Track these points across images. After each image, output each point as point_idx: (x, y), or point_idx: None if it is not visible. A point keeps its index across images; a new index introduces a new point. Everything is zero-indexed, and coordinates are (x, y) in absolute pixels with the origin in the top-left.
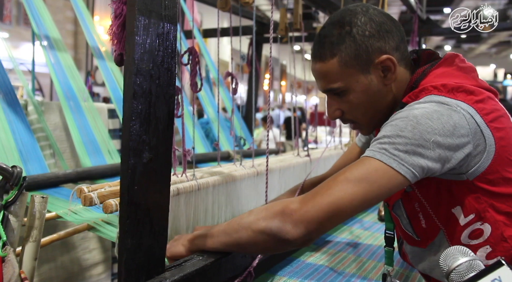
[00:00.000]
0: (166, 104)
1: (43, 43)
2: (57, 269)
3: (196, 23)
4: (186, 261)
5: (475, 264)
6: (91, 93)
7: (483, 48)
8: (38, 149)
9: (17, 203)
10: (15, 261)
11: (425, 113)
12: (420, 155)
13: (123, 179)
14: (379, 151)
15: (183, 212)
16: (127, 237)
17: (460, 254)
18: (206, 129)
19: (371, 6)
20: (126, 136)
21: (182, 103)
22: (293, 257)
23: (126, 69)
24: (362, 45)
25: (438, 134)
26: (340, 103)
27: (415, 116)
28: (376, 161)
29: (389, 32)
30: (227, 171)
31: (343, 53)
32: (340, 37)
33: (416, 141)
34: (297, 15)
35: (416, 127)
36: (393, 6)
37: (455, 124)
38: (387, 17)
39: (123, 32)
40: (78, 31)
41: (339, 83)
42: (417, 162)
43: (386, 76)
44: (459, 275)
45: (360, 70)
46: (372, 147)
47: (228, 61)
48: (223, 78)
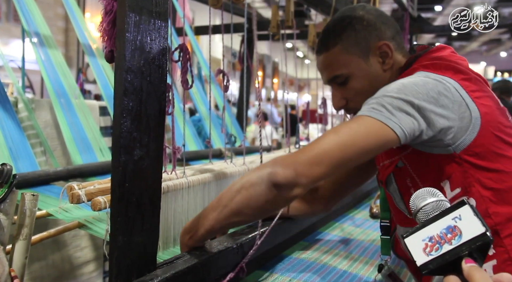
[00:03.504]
0: (157, 101)
1: (33, 40)
2: (48, 268)
3: (188, 20)
4: (178, 258)
5: (442, 205)
6: (82, 90)
7: (474, 46)
8: (28, 146)
9: (7, 201)
10: (5, 260)
11: (412, 81)
12: (407, 113)
13: (114, 176)
14: (367, 110)
15: (172, 210)
16: (118, 234)
17: (429, 195)
18: (198, 126)
19: (367, 5)
20: (117, 133)
21: (173, 100)
22: (285, 254)
23: (117, 66)
24: (361, 33)
25: (423, 99)
26: (344, 92)
27: (401, 83)
28: (364, 117)
29: (385, 24)
30: (217, 168)
31: (344, 41)
32: (341, 28)
33: (402, 99)
34: (289, 12)
35: (402, 90)
36: (385, 3)
37: (440, 92)
38: (383, 13)
39: (114, 29)
40: (69, 28)
41: (342, 69)
42: (403, 118)
43: (384, 61)
44: (425, 215)
45: (360, 56)
46: (361, 108)
47: (220, 58)
48: (215, 76)
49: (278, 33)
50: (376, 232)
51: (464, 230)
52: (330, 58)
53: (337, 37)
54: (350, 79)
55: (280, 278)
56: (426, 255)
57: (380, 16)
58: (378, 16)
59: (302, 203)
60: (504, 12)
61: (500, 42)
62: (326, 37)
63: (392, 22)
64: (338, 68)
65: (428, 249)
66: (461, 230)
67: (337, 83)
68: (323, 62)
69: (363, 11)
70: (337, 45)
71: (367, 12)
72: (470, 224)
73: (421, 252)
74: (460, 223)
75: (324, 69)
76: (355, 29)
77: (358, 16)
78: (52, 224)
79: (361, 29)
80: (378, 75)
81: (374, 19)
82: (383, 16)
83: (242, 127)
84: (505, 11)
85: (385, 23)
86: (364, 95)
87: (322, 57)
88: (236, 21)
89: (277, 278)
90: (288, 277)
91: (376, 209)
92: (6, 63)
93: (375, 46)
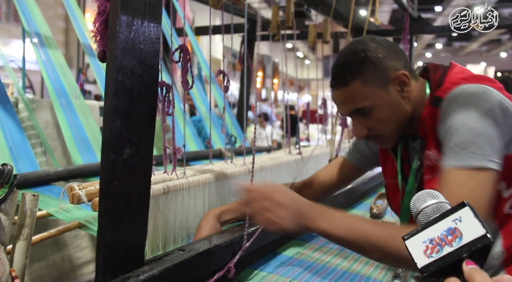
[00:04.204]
0: (148, 101)
1: (33, 40)
2: (48, 268)
3: (188, 21)
4: (167, 255)
5: (442, 207)
6: (82, 90)
7: (474, 46)
8: (29, 147)
9: (8, 201)
10: (6, 260)
11: (471, 116)
12: (492, 147)
13: (102, 174)
14: (460, 157)
15: (172, 210)
16: (106, 231)
17: (429, 197)
18: (198, 127)
19: (374, 36)
20: (107, 132)
21: (173, 100)
22: (284, 254)
23: (108, 66)
24: (379, 66)
25: (492, 125)
26: (366, 122)
27: (468, 124)
28: (469, 170)
29: (396, 53)
30: (218, 169)
31: (364, 75)
32: (358, 62)
33: (481, 137)
34: (289, 13)
35: (473, 128)
36: (385, 4)
37: (502, 109)
38: (392, 42)
39: (106, 29)
40: (69, 28)
41: (365, 101)
42: (495, 152)
43: (403, 89)
44: (426, 217)
45: (380, 88)
46: (451, 158)
47: (220, 58)
48: (215, 76)
49: (278, 34)
50: None
51: (464, 232)
52: (351, 92)
53: (356, 72)
54: (372, 110)
55: (280, 279)
56: (427, 257)
57: (391, 46)
58: (389, 46)
59: None
60: (504, 13)
61: (500, 43)
62: (342, 71)
63: (401, 50)
64: (361, 101)
65: (429, 251)
66: (461, 232)
67: (358, 114)
68: (342, 96)
69: (375, 43)
70: (357, 79)
71: (379, 44)
72: (470, 226)
73: (422, 254)
74: (460, 225)
75: (344, 103)
76: (372, 62)
77: (372, 49)
78: (53, 224)
79: (378, 61)
80: (399, 103)
81: (387, 50)
82: (393, 45)
83: (242, 127)
84: (505, 12)
85: (396, 52)
86: (386, 123)
87: (340, 92)
88: (236, 22)
89: (277, 279)
90: (289, 278)
91: (376, 209)
92: (6, 63)
93: (393, 76)
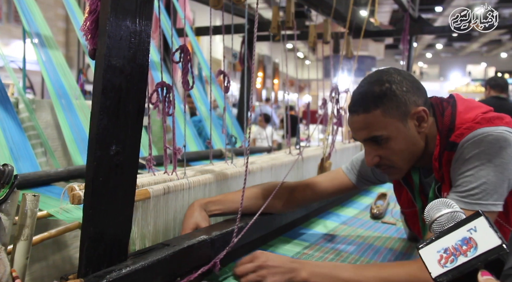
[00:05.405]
0: (136, 100)
1: (34, 41)
2: (48, 268)
3: (189, 21)
4: (151, 250)
5: (456, 216)
6: (82, 91)
7: (474, 47)
8: (29, 147)
9: (8, 202)
10: (7, 260)
11: (484, 166)
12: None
13: (88, 170)
14: (467, 203)
15: (173, 210)
16: (90, 226)
17: (444, 206)
18: (198, 127)
19: (399, 69)
20: (94, 129)
21: (174, 101)
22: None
23: (97, 64)
24: (401, 99)
25: (502, 171)
26: (379, 150)
27: (478, 171)
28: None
29: (419, 89)
30: (218, 169)
31: (385, 104)
32: (382, 92)
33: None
34: (289, 13)
35: (483, 177)
36: (385, 4)
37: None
38: (415, 78)
39: (97, 28)
40: (70, 28)
41: (383, 131)
42: (500, 196)
43: (420, 125)
44: (440, 226)
45: (400, 120)
46: (458, 201)
47: (221, 59)
48: (215, 76)
49: (279, 34)
50: (377, 233)
51: (479, 242)
52: (370, 120)
53: (378, 101)
54: (389, 140)
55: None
56: (441, 267)
57: (415, 82)
58: (413, 81)
59: (278, 200)
60: (504, 13)
61: (500, 43)
62: (365, 99)
63: (423, 87)
64: (379, 129)
65: (443, 261)
66: (476, 242)
67: (373, 141)
68: (362, 122)
69: (400, 76)
70: (378, 108)
71: (404, 77)
72: (485, 236)
73: (436, 264)
74: (475, 235)
75: (362, 129)
76: (395, 94)
77: (397, 81)
78: (53, 225)
79: (401, 94)
80: (414, 137)
81: (411, 85)
82: (416, 81)
83: (243, 128)
84: (505, 12)
85: (419, 88)
86: (400, 154)
87: (360, 118)
88: (236, 22)
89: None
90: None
91: (377, 210)
92: (7, 63)
93: (413, 111)
